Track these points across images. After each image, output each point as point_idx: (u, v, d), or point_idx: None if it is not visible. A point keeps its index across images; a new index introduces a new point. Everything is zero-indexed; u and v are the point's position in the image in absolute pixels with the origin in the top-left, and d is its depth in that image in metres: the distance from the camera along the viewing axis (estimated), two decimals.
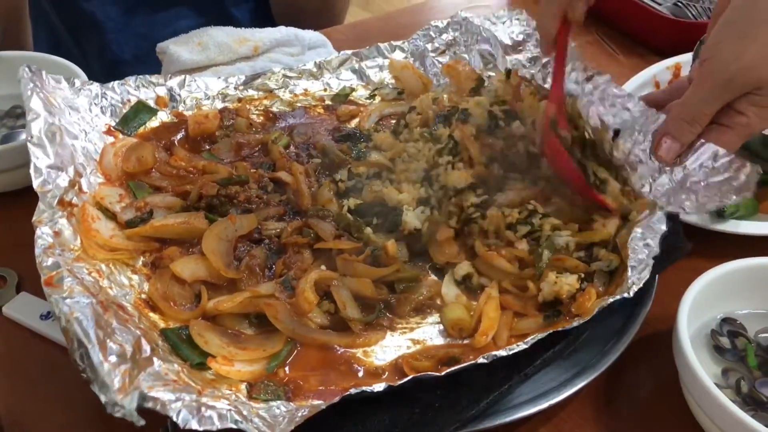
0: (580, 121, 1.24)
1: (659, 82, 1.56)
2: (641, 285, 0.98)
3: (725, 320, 1.04)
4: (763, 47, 1.01)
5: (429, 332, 1.08)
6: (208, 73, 1.54)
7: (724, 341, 1.02)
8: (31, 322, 1.12)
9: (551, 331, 0.97)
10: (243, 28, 1.66)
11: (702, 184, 1.06)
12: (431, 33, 1.61)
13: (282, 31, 1.66)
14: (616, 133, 1.21)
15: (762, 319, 1.05)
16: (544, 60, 1.43)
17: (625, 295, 0.97)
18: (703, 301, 1.01)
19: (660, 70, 1.58)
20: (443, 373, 0.91)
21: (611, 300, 0.98)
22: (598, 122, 1.23)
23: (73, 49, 1.96)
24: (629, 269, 1.01)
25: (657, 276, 1.09)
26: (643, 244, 1.03)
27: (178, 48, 1.57)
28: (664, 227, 1.04)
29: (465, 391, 0.94)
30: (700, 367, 0.90)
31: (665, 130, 1.10)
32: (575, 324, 0.97)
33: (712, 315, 1.05)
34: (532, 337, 0.96)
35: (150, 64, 1.58)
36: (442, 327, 1.08)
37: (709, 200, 1.05)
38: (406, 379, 0.90)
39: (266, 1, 2.05)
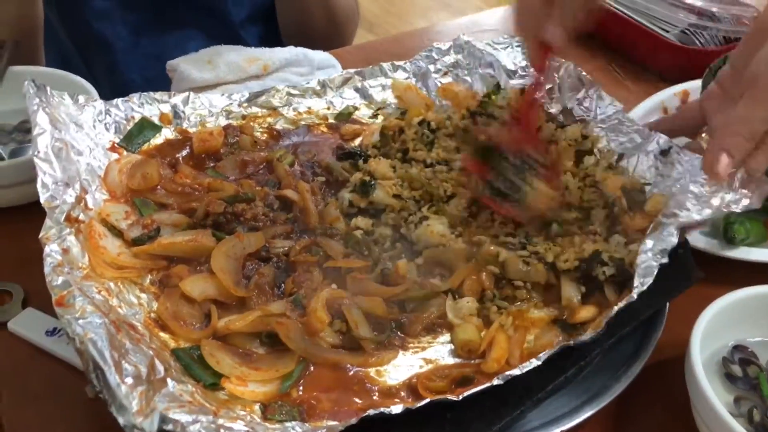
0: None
1: (667, 108, 1.57)
2: (644, 288, 0.98)
3: (736, 348, 1.05)
4: None
5: (440, 351, 1.07)
6: (215, 91, 1.54)
7: (736, 369, 1.02)
8: (37, 338, 1.11)
9: (563, 344, 0.96)
10: (253, 48, 1.66)
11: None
12: (434, 54, 1.62)
13: (292, 51, 1.66)
14: (620, 157, 1.22)
15: None
16: (548, 86, 1.44)
17: (629, 299, 0.97)
18: (714, 329, 1.01)
19: (668, 96, 1.59)
20: (460, 397, 0.90)
21: (617, 308, 0.97)
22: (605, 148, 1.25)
23: (82, 69, 1.95)
24: (635, 277, 1.01)
25: (668, 303, 1.09)
26: (652, 255, 1.03)
27: (188, 66, 1.57)
28: (674, 239, 1.04)
29: (476, 416, 0.93)
30: (714, 395, 0.90)
31: (721, 146, 1.04)
32: (587, 338, 0.97)
33: (723, 342, 1.05)
34: (545, 353, 0.95)
35: (159, 86, 1.57)
36: (453, 346, 1.08)
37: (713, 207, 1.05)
38: (423, 402, 0.89)
39: (275, 23, 2.06)
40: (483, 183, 1.20)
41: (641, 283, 1.00)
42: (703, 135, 1.26)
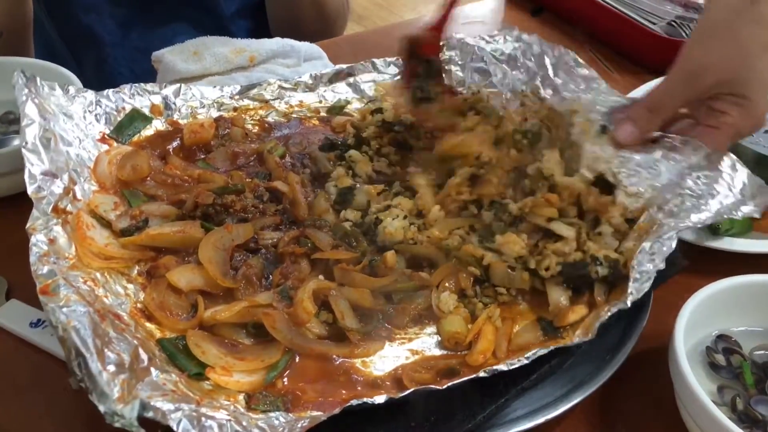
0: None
1: None
2: (639, 296, 0.97)
3: (720, 337, 1.05)
4: (727, 48, 1.09)
5: (427, 343, 1.07)
6: (203, 82, 1.54)
7: (720, 358, 1.02)
8: (21, 330, 1.11)
9: (553, 347, 0.96)
10: (239, 39, 1.66)
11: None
12: None
13: (278, 42, 1.66)
14: (603, 128, 1.23)
15: (757, 336, 1.06)
16: (541, 74, 1.45)
17: (621, 306, 0.97)
18: (698, 318, 1.01)
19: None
20: (444, 387, 0.90)
21: (609, 314, 0.97)
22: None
23: (70, 63, 1.95)
24: (631, 280, 1.00)
25: (652, 292, 1.09)
26: (648, 258, 1.02)
27: (174, 57, 1.57)
28: (674, 244, 1.02)
29: (461, 405, 0.93)
30: (698, 384, 0.90)
31: (629, 115, 1.19)
32: (576, 341, 0.97)
33: (707, 332, 1.05)
34: (533, 352, 0.95)
35: (147, 79, 1.57)
36: (439, 338, 1.08)
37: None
38: (407, 392, 0.90)
39: (265, 17, 2.05)
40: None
41: (636, 289, 0.98)
42: None
